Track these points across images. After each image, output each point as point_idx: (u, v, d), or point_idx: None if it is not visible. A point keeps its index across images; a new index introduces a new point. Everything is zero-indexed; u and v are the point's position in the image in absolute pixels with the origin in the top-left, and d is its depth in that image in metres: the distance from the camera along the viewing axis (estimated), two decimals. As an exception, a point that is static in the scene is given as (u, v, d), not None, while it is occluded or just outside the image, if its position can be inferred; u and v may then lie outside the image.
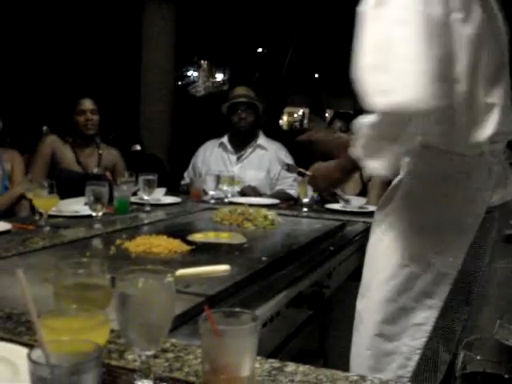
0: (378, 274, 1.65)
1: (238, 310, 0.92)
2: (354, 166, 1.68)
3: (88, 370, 0.73)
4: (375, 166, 1.51)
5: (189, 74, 17.52)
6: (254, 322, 0.89)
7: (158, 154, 5.99)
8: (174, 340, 1.19)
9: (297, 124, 16.21)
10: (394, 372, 1.59)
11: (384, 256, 1.64)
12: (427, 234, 1.57)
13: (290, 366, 1.06)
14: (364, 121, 1.54)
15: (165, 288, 0.93)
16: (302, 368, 1.06)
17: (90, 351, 0.75)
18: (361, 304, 1.74)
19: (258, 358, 1.09)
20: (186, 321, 1.36)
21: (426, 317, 1.58)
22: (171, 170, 5.75)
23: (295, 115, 17.36)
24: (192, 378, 1.01)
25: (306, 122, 14.64)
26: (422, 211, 1.59)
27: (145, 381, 0.96)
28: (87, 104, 3.63)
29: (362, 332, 1.70)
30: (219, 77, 18.36)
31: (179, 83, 15.36)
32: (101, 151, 3.76)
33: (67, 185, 2.83)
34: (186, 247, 2.07)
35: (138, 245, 2.06)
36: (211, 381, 0.90)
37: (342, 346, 3.17)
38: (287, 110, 16.85)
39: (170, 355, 1.11)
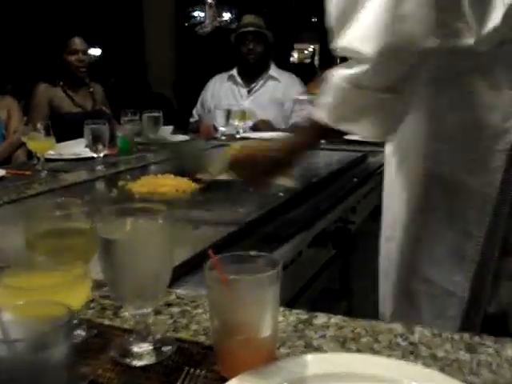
0: (402, 210, 1.38)
1: (252, 253, 0.73)
2: (319, 137, 1.39)
3: (56, 343, 0.55)
4: (364, 128, 1.22)
5: (195, 14, 17.04)
6: (274, 267, 0.69)
7: (165, 93, 5.74)
8: (179, 291, 1.00)
9: (307, 60, 15.82)
10: (445, 317, 1.34)
11: (405, 188, 1.36)
12: (454, 148, 1.28)
13: (321, 318, 0.88)
14: (340, 72, 1.20)
15: (159, 230, 0.74)
16: (334, 320, 0.87)
17: (59, 317, 0.56)
18: (387, 248, 1.46)
19: (281, 308, 0.91)
20: (193, 268, 1.17)
21: (469, 247, 1.29)
22: (179, 109, 5.52)
23: (305, 52, 16.94)
24: (201, 338, 0.83)
25: (316, 58, 14.26)
26: (446, 121, 1.28)
27: (142, 345, 0.78)
28: (79, 43, 3.42)
29: (394, 280, 1.42)
30: (226, 16, 17.83)
31: (186, 24, 14.96)
32: (91, 89, 3.61)
33: (71, 128, 2.63)
34: (194, 186, 1.88)
35: (141, 185, 1.87)
36: (223, 342, 0.71)
37: (367, 285, 3.03)
38: (297, 46, 16.41)
39: (175, 310, 0.92)
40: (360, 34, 1.12)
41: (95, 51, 10.66)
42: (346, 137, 3.12)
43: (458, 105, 1.25)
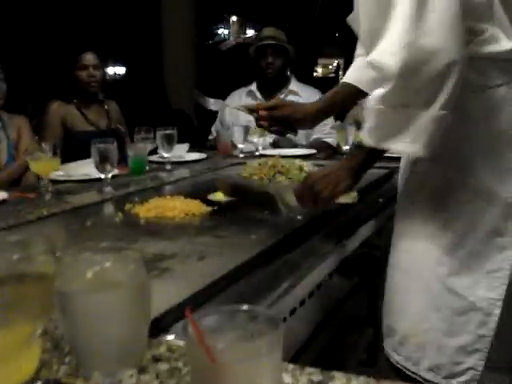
0: (430, 221, 1.31)
1: (246, 307, 0.57)
2: (371, 158, 1.38)
3: None
4: (404, 145, 1.20)
5: (219, 31, 17.06)
6: (276, 329, 0.54)
7: (185, 110, 5.63)
8: (172, 339, 0.85)
9: (332, 75, 15.73)
10: (473, 333, 1.27)
11: (434, 197, 1.31)
12: (485, 156, 1.26)
13: (338, 380, 0.71)
14: (374, 94, 1.24)
15: (130, 280, 0.58)
16: (355, 382, 0.71)
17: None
18: (407, 259, 1.38)
19: (290, 366, 0.75)
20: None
21: (500, 259, 1.26)
22: (200, 126, 5.40)
23: (330, 67, 16.84)
24: (191, 406, 0.67)
25: (341, 73, 14.15)
26: (478, 129, 1.26)
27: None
28: (89, 58, 3.31)
29: (419, 293, 1.34)
30: (250, 33, 17.82)
31: (210, 42, 15.02)
32: (106, 106, 3.49)
33: (84, 148, 2.48)
34: (206, 208, 1.73)
35: (149, 209, 1.73)
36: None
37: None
38: (321, 61, 16.32)
39: (163, 367, 0.77)
40: (385, 49, 1.16)
41: (120, 70, 10.69)
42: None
43: (487, 114, 1.25)
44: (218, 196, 1.91)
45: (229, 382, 0.52)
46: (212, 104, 4.34)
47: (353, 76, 1.69)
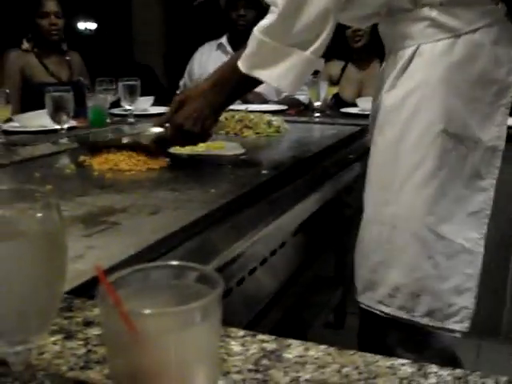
0: (411, 174, 1.30)
1: (176, 263, 0.47)
2: (238, 89, 1.43)
3: None
4: (271, 75, 1.28)
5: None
6: (213, 290, 0.43)
7: (153, 65, 5.44)
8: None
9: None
10: (462, 273, 1.32)
11: (415, 150, 1.30)
12: (467, 103, 1.28)
13: (294, 349, 0.62)
14: (261, 23, 1.28)
15: (35, 228, 0.47)
16: (313, 351, 0.61)
17: None
18: (387, 213, 1.34)
19: (240, 332, 0.65)
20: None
21: (481, 201, 1.32)
22: (170, 81, 5.23)
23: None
24: None
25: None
26: (457, 75, 1.27)
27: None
28: (51, 5, 3.12)
29: (408, 244, 1.32)
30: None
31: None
32: (68, 57, 3.34)
33: (43, 100, 2.35)
34: (162, 162, 1.62)
35: (102, 161, 1.61)
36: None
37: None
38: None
39: (93, 332, 0.66)
40: None
41: (91, 25, 10.40)
42: (343, 110, 2.88)
43: (465, 60, 1.26)
44: (179, 149, 1.80)
45: (153, 356, 0.42)
46: None
47: None
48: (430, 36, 1.27)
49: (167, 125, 1.57)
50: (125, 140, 2.17)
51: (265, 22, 1.25)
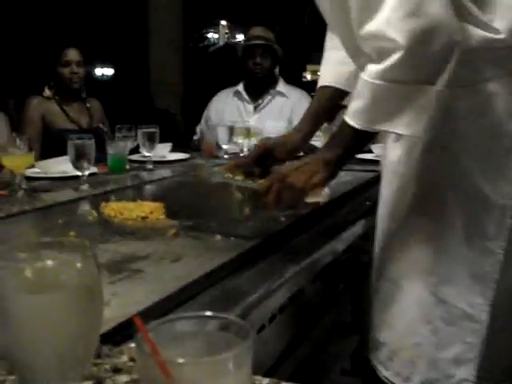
0: (416, 229, 1.24)
1: (210, 314, 0.49)
2: (353, 146, 1.25)
3: None
4: (401, 123, 1.08)
5: (209, 36, 17.01)
6: (245, 340, 0.46)
7: (171, 110, 5.54)
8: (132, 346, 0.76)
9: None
10: (463, 342, 1.21)
11: (420, 203, 1.23)
12: (472, 156, 1.17)
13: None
14: (369, 69, 1.11)
15: (75, 280, 0.50)
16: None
17: None
18: (392, 270, 1.30)
19: (265, 382, 0.67)
20: (165, 314, 0.93)
21: (488, 264, 1.18)
22: (187, 127, 5.31)
23: (318, 73, 16.78)
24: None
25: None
26: (463, 127, 1.16)
27: None
28: (73, 54, 3.21)
29: (410, 305, 1.27)
30: (240, 37, 17.75)
31: (200, 45, 15.01)
32: (88, 104, 3.40)
33: (64, 146, 2.39)
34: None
35: (112, 209, 1.65)
36: None
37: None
38: (310, 68, 16.27)
39: (122, 380, 0.68)
40: (387, 16, 1.03)
41: (108, 71, 10.62)
42: (359, 156, 2.91)
43: (476, 110, 1.16)
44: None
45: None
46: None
47: (329, 77, 1.57)
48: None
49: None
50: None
51: (382, 67, 1.07)
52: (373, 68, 1.09)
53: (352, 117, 1.15)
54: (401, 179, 1.26)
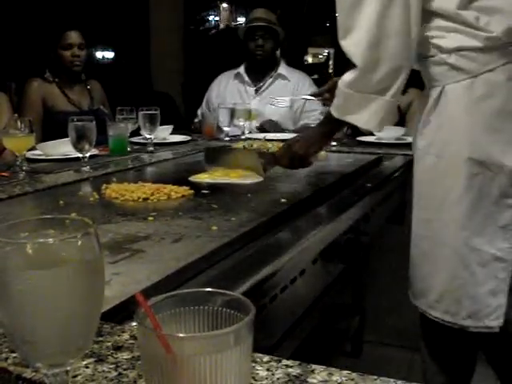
0: (446, 195, 1.52)
1: (211, 291, 0.49)
2: (336, 126, 1.70)
3: None
4: (360, 119, 1.53)
5: (209, 18, 16.87)
6: (246, 316, 0.46)
7: (170, 94, 5.51)
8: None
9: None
10: (496, 278, 1.50)
11: (447, 175, 1.52)
12: (490, 133, 1.45)
13: (318, 374, 0.64)
14: (344, 79, 1.52)
15: (76, 256, 0.50)
16: (336, 377, 0.63)
17: None
18: (430, 229, 1.57)
19: (265, 358, 0.67)
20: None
21: (509, 216, 1.49)
22: (187, 110, 5.29)
23: (320, 56, 16.69)
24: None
25: (331, 62, 14.05)
26: (478, 110, 1.45)
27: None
28: (74, 37, 3.19)
29: (448, 257, 1.54)
30: (241, 20, 17.60)
31: (201, 28, 14.90)
32: (89, 86, 3.39)
33: (65, 128, 2.39)
34: (186, 191, 1.65)
35: (114, 190, 1.65)
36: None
37: (383, 300, 2.78)
38: (311, 51, 16.17)
39: (123, 356, 0.69)
40: (353, 43, 1.44)
41: (109, 54, 10.55)
42: (359, 138, 2.91)
43: (486, 93, 1.42)
44: (199, 178, 1.83)
45: (188, 377, 0.44)
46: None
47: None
48: (451, 78, 1.46)
49: None
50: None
51: (348, 78, 1.49)
52: (345, 78, 1.50)
53: (332, 109, 1.58)
54: (429, 157, 1.54)
